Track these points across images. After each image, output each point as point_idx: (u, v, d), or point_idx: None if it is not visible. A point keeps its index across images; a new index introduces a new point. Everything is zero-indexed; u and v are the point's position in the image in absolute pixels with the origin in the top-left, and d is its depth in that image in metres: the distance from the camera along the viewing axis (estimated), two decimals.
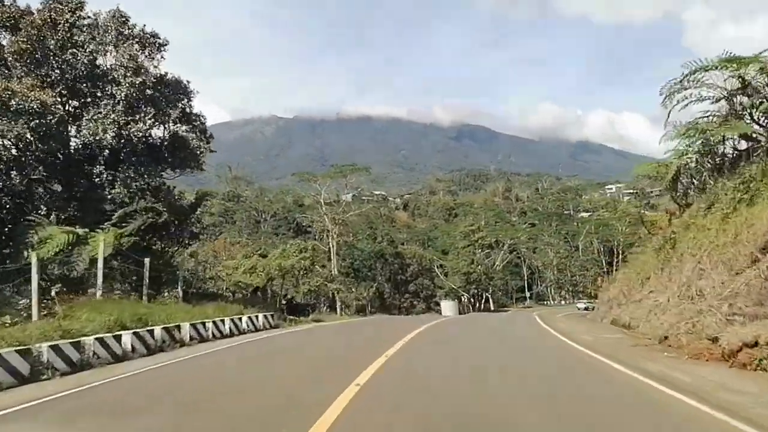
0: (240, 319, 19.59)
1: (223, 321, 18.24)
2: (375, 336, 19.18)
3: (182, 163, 24.73)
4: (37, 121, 18.92)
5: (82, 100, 22.64)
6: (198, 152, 24.62)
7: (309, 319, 26.92)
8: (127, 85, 21.45)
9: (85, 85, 22.21)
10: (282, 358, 12.92)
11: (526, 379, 9.39)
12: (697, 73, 22.29)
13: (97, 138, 20.89)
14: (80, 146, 22.28)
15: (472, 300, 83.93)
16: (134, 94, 21.75)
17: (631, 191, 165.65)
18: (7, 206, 20.52)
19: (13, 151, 19.94)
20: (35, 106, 18.67)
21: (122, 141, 22.09)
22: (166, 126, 24.44)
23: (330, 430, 5.90)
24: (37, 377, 9.96)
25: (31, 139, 19.27)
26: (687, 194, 29.99)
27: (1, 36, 22.30)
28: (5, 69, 21.39)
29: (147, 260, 19.49)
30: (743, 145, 25.22)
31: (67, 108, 22.40)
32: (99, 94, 22.16)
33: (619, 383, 9.00)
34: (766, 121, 23.01)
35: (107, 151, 21.99)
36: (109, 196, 21.51)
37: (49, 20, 21.32)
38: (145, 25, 24.12)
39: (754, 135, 23.08)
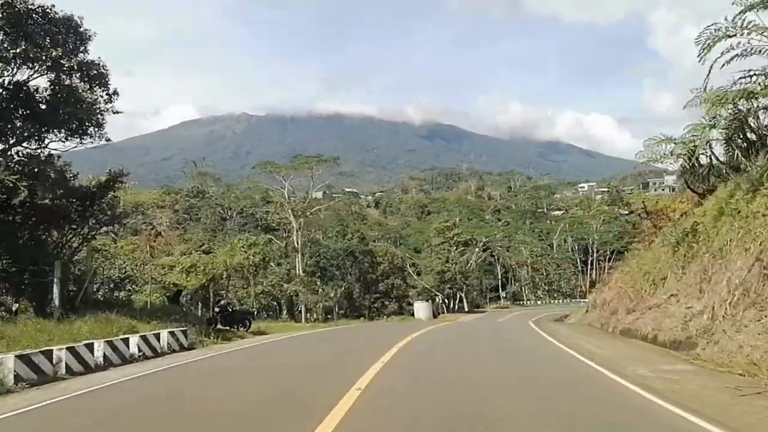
0: (127, 341, 13.28)
1: (90, 347, 11.94)
2: (314, 376, 12.60)
3: (76, 126, 18.19)
4: None
5: None
6: (94, 109, 18.06)
7: (248, 332, 20.81)
8: None
9: None
10: None
11: None
12: (753, 9, 16.78)
13: None
14: None
15: (446, 300, 78.56)
16: None
17: (605, 189, 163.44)
18: None
19: None
20: None
21: None
22: (57, 77, 17.93)
23: None
24: None
25: None
26: (709, 177, 24.75)
27: None
28: None
29: None
30: None
31: None
32: None
33: None
34: None
35: None
36: None
37: None
38: None
39: None
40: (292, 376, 10.55)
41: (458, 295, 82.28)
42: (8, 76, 15.95)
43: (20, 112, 17.11)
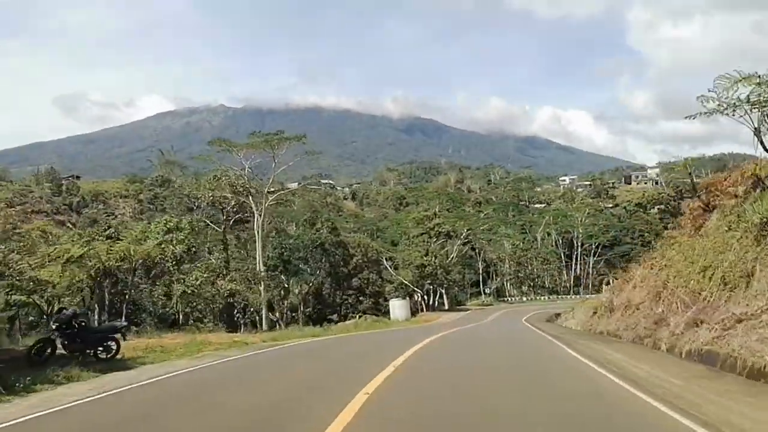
0: None
1: None
2: None
3: None
4: None
5: None
6: None
7: (112, 359, 12.37)
8: None
9: None
10: None
11: None
12: None
13: None
14: None
15: (425, 297, 70.72)
16: None
17: (587, 183, 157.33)
18: None
19: None
20: None
21: None
22: None
23: None
24: None
25: None
26: None
27: None
28: None
29: None
30: None
31: None
32: None
33: None
34: None
35: None
36: None
37: None
38: None
39: None
40: None
41: (438, 291, 74.52)
42: None
43: None
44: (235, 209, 41.01)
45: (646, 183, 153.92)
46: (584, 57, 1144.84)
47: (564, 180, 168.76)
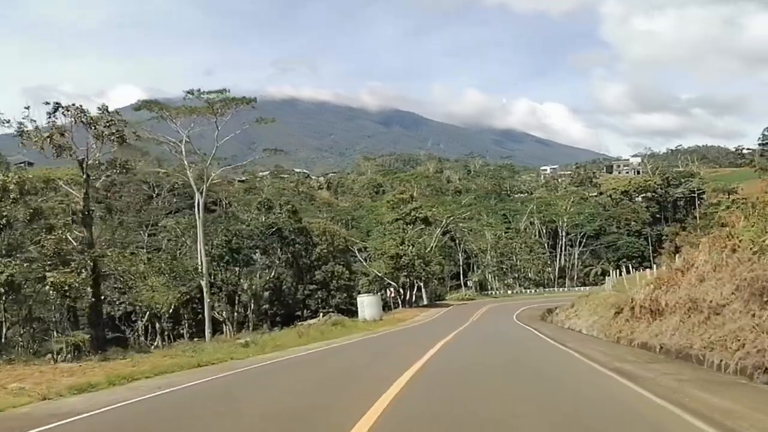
0: None
1: None
2: None
3: None
4: None
5: None
6: None
7: None
8: None
9: None
10: None
11: None
12: None
13: None
14: None
15: (401, 290, 61.39)
16: None
17: (568, 173, 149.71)
18: None
19: None
20: None
21: None
22: None
23: None
24: None
25: None
26: None
27: None
28: None
29: None
30: None
31: None
32: None
33: None
34: None
35: None
36: None
37: None
38: None
39: None
40: None
41: (416, 285, 65.31)
42: None
43: None
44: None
45: (627, 173, 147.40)
46: (560, 50, 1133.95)
47: (545, 170, 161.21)
